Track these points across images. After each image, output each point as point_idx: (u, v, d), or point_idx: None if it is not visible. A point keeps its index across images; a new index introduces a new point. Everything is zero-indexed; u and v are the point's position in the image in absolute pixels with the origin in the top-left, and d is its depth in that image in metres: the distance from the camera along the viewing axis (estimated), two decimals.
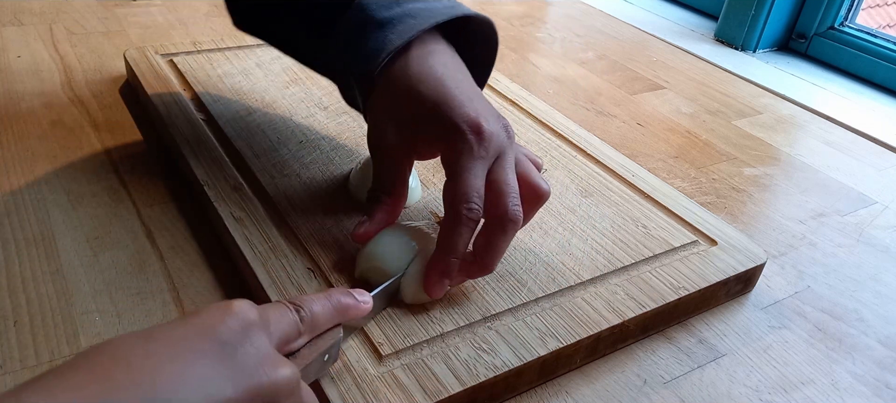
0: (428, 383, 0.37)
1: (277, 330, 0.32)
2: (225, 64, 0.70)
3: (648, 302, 0.45)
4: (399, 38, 0.44)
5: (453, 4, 0.48)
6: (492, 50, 0.51)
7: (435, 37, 0.46)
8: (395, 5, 0.46)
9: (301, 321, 0.33)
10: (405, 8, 0.46)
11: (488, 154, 0.42)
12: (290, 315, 0.33)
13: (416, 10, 0.46)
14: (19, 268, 0.46)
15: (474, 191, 0.41)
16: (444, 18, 0.46)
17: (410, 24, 0.45)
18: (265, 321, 0.31)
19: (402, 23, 0.45)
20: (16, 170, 0.55)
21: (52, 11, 0.86)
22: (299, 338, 0.33)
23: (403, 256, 0.43)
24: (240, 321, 0.29)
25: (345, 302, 0.36)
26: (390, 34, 0.44)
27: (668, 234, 0.52)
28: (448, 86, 0.44)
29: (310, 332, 0.34)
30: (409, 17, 0.45)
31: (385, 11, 0.46)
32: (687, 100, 0.84)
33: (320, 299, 0.35)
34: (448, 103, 0.43)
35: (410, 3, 0.46)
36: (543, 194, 0.44)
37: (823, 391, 0.44)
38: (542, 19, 1.08)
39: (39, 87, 0.68)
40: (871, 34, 0.98)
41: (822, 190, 0.68)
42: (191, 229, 0.51)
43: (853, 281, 0.55)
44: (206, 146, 0.56)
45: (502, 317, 0.42)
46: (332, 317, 0.36)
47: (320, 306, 0.35)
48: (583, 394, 0.42)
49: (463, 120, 0.42)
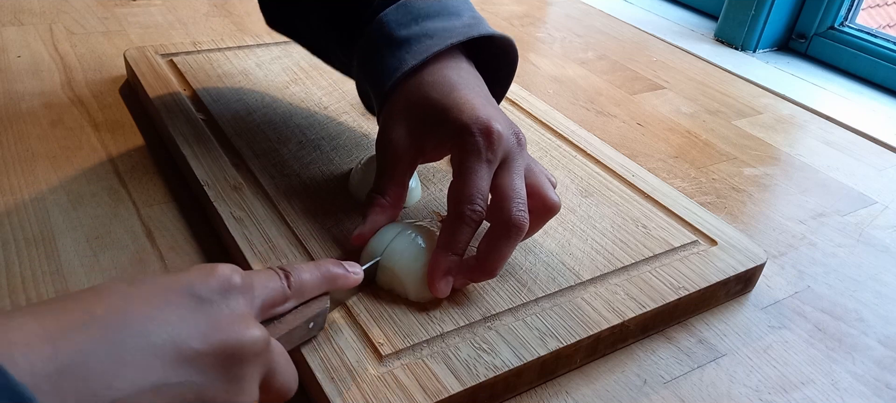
0: (428, 383, 0.37)
1: (262, 294, 0.33)
2: (225, 64, 0.70)
3: (648, 302, 0.45)
4: (414, 59, 0.45)
5: (472, 23, 0.48)
6: (511, 67, 0.52)
7: (453, 52, 0.47)
8: (413, 23, 0.47)
9: (289, 286, 0.34)
10: (424, 27, 0.47)
11: (496, 156, 0.42)
12: (277, 280, 0.34)
13: (434, 29, 0.47)
14: (19, 268, 0.46)
15: (478, 191, 0.41)
16: (461, 39, 0.47)
17: (427, 44, 0.46)
18: (248, 286, 0.32)
19: (420, 43, 0.46)
20: (16, 170, 0.55)
21: (52, 11, 0.86)
22: (286, 303, 0.34)
23: (408, 253, 0.43)
24: (220, 281, 0.30)
25: (334, 272, 0.37)
26: (406, 54, 0.46)
27: (668, 234, 0.52)
28: (461, 90, 0.44)
29: (297, 297, 0.35)
30: (426, 37, 0.46)
31: (403, 30, 0.47)
32: (687, 100, 0.84)
33: (310, 267, 0.36)
34: (459, 106, 0.43)
35: (430, 22, 0.47)
36: (553, 207, 0.44)
37: (823, 391, 0.44)
38: (542, 19, 1.08)
39: (39, 87, 0.68)
40: (871, 34, 0.98)
41: (822, 190, 0.68)
42: (191, 229, 0.51)
43: (853, 281, 0.55)
44: (206, 146, 0.56)
45: (502, 317, 0.42)
46: (319, 285, 0.36)
47: (309, 273, 0.36)
48: (583, 394, 0.42)
49: (472, 120, 0.42)
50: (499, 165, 0.42)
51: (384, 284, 0.43)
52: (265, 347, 0.30)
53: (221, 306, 0.30)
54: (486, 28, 0.48)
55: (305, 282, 0.35)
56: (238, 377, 0.29)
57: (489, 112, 0.43)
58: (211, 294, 0.30)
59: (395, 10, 0.47)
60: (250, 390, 0.30)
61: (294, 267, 0.35)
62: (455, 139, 0.43)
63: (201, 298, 0.29)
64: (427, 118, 0.44)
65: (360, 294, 0.43)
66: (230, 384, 0.29)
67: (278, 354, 0.32)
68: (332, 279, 0.37)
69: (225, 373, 0.28)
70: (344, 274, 0.38)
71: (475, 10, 0.50)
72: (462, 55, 0.48)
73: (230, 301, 0.30)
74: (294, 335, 0.35)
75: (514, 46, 0.50)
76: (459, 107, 0.43)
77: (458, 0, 0.50)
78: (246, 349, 0.29)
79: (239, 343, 0.29)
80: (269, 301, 0.33)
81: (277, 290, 0.34)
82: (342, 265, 0.38)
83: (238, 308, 0.30)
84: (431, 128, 0.44)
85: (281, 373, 0.32)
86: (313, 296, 0.37)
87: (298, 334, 0.36)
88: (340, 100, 0.66)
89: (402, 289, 0.42)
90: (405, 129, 0.45)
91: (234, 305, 0.30)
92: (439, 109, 0.44)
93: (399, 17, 0.47)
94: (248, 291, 0.32)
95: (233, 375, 0.29)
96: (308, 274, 0.36)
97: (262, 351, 0.30)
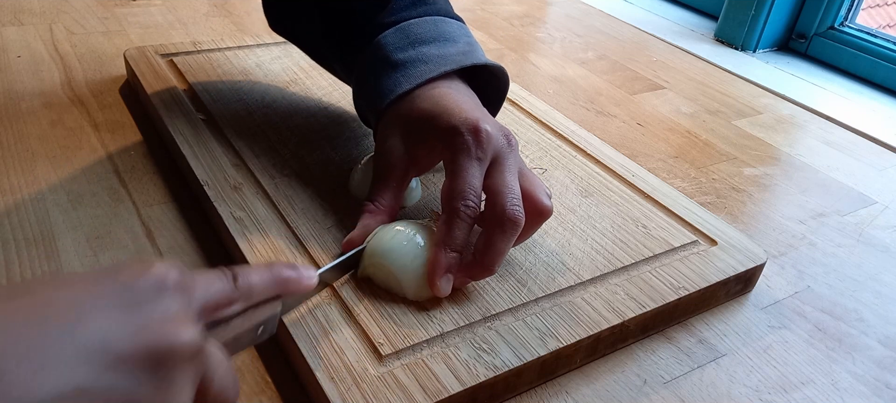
0: (428, 383, 0.37)
1: (203, 296, 0.31)
2: (225, 64, 0.70)
3: (648, 302, 0.45)
4: (408, 83, 0.47)
5: (467, 51, 0.50)
6: (502, 92, 0.54)
7: (448, 75, 0.49)
8: (410, 47, 0.49)
9: (236, 289, 0.33)
10: (420, 51, 0.49)
11: (486, 155, 0.43)
12: (222, 282, 0.32)
13: (430, 55, 0.49)
14: (19, 268, 0.46)
15: (470, 187, 0.42)
16: (454, 67, 0.48)
17: (422, 69, 0.48)
18: (187, 285, 0.30)
19: (415, 67, 0.48)
20: (16, 170, 0.55)
21: (52, 11, 0.86)
22: (231, 306, 0.33)
23: (408, 252, 0.43)
24: (155, 280, 0.29)
25: (286, 275, 0.36)
26: (401, 77, 0.48)
27: (668, 234, 0.52)
28: (453, 98, 0.46)
29: (244, 300, 0.33)
30: (421, 62, 0.48)
31: (400, 53, 0.49)
32: (687, 100, 0.84)
33: (260, 269, 0.35)
34: (449, 111, 0.45)
35: (426, 47, 0.49)
36: (545, 211, 0.44)
37: (823, 391, 0.44)
38: (542, 19, 1.08)
39: (39, 87, 0.68)
40: (871, 34, 0.98)
41: (822, 190, 0.68)
42: (191, 229, 0.51)
43: (853, 281, 0.55)
44: (206, 146, 0.56)
45: (502, 317, 0.42)
46: (269, 289, 0.35)
47: (258, 276, 0.34)
48: (583, 394, 0.42)
49: (460, 122, 0.44)
50: (490, 164, 0.43)
51: (381, 283, 0.43)
52: (199, 351, 0.29)
53: (153, 306, 0.28)
54: (480, 56, 0.51)
55: (254, 285, 0.34)
56: (168, 381, 0.27)
57: (477, 114, 0.44)
58: (143, 293, 0.28)
59: (393, 34, 0.50)
60: (182, 396, 0.28)
61: (243, 269, 0.34)
62: (445, 141, 0.44)
63: (132, 297, 0.28)
64: (420, 127, 0.46)
65: (361, 294, 0.43)
66: (159, 389, 0.27)
67: (216, 359, 0.30)
68: (284, 282, 0.35)
69: (154, 377, 0.27)
70: (296, 278, 0.36)
71: (471, 35, 0.53)
72: (456, 77, 0.49)
73: (163, 301, 0.28)
74: (241, 340, 0.34)
75: (505, 74, 0.52)
76: (449, 111, 0.45)
77: (454, 27, 0.52)
78: (177, 352, 0.28)
79: (169, 345, 0.27)
80: (211, 302, 0.32)
81: (221, 292, 0.32)
82: (296, 268, 0.36)
83: (171, 308, 0.29)
84: (423, 136, 0.46)
85: (218, 380, 0.30)
86: (263, 300, 0.35)
87: (246, 339, 0.34)
88: (340, 100, 0.66)
89: (399, 288, 0.42)
90: (399, 139, 0.47)
91: (167, 305, 0.28)
92: (430, 117, 0.45)
93: (396, 41, 0.49)
94: (186, 291, 0.30)
95: (162, 379, 0.27)
96: (257, 276, 0.34)
97: (194, 355, 0.28)
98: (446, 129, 0.44)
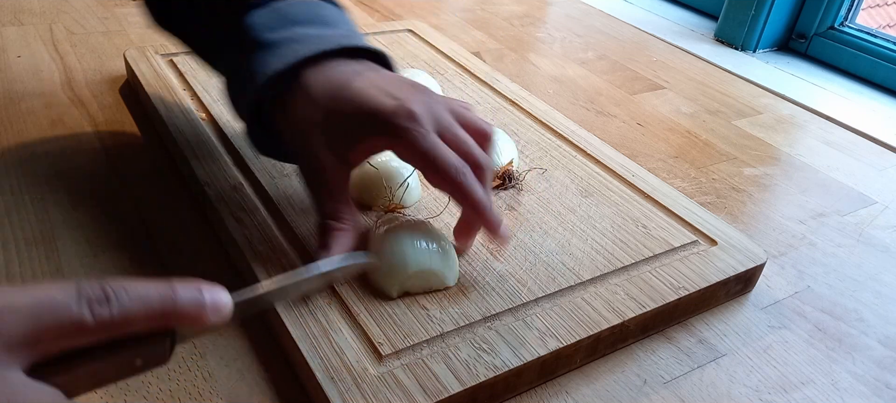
0: (428, 383, 0.37)
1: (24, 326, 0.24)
2: None
3: (648, 302, 0.45)
4: (279, 62, 0.43)
5: (347, 34, 0.47)
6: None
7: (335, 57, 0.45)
8: (281, 28, 0.45)
9: (93, 318, 0.25)
10: (293, 32, 0.44)
11: (431, 127, 0.42)
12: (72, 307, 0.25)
13: (305, 35, 0.44)
14: (19, 268, 0.46)
15: (449, 155, 0.42)
16: (331, 47, 0.44)
17: (294, 49, 0.43)
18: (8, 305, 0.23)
19: (287, 46, 0.44)
20: (16, 170, 0.55)
21: (52, 11, 0.86)
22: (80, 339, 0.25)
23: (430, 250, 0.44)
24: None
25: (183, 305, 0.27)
26: (271, 57, 0.43)
27: (668, 234, 0.52)
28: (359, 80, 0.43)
29: (104, 334, 0.26)
30: (294, 42, 0.44)
31: (270, 34, 0.44)
32: (687, 100, 0.84)
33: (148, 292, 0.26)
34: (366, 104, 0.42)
35: (301, 28, 0.45)
36: (489, 133, 0.45)
37: (823, 391, 0.44)
38: (542, 19, 1.08)
39: (39, 87, 0.68)
40: (871, 34, 0.98)
41: (822, 190, 0.68)
42: (191, 229, 0.51)
43: (853, 281, 0.55)
44: (207, 146, 0.56)
45: (502, 317, 0.42)
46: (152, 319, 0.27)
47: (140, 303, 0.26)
48: (583, 394, 0.42)
49: (392, 116, 0.41)
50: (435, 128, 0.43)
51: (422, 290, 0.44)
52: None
53: None
54: (362, 41, 0.46)
55: (130, 313, 0.26)
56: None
57: (394, 93, 0.42)
58: None
59: (265, 13, 0.45)
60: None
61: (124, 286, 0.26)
62: (389, 142, 0.43)
63: None
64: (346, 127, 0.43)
65: (360, 294, 0.43)
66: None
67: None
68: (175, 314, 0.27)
69: None
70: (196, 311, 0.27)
71: (353, 26, 0.49)
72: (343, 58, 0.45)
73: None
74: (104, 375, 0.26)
75: (390, 61, 0.48)
76: (367, 104, 0.42)
77: (335, 13, 0.48)
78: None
79: None
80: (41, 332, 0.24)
81: (64, 322, 0.24)
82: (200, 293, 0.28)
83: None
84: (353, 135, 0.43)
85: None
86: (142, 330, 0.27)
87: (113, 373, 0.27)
88: None
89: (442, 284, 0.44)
90: (324, 146, 0.43)
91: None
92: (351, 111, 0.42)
93: (268, 21, 0.45)
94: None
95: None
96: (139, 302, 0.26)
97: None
98: (384, 129, 0.41)
